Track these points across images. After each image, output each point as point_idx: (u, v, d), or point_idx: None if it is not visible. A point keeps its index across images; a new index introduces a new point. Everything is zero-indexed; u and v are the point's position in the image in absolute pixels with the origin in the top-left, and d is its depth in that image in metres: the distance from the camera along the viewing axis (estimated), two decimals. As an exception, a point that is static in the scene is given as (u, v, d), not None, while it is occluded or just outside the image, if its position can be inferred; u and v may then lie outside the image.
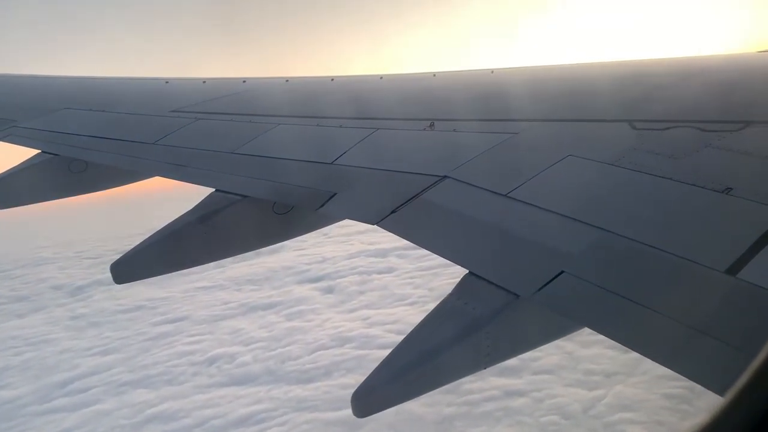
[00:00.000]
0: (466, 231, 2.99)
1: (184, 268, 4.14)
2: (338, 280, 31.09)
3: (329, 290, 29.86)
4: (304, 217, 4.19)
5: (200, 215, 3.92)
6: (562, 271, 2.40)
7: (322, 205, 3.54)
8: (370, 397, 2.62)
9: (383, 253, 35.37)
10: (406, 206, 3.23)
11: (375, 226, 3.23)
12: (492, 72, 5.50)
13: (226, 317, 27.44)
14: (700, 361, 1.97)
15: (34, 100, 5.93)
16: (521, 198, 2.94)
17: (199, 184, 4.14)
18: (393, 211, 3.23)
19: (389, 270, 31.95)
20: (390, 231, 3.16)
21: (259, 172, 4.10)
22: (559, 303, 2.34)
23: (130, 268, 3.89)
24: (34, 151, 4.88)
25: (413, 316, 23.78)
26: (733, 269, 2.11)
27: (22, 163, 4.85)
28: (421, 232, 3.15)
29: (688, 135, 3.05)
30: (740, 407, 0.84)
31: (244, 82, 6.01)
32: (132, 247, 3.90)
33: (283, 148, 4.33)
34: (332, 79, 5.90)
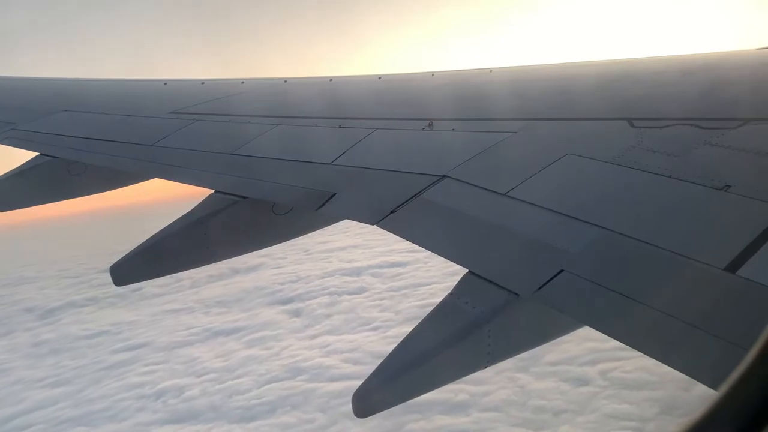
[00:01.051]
0: (465, 230, 2.98)
1: (184, 270, 4.13)
2: (308, 302, 30.76)
3: (296, 313, 29.40)
4: (303, 217, 4.16)
5: (200, 216, 3.91)
6: (562, 270, 2.41)
7: (322, 206, 3.52)
8: (371, 397, 2.58)
9: (358, 272, 35.01)
10: (406, 206, 3.21)
11: (374, 226, 3.21)
12: (490, 71, 5.49)
13: (186, 344, 26.89)
14: (699, 359, 1.96)
15: (32, 103, 5.88)
16: (520, 197, 2.93)
17: (198, 185, 4.12)
18: (392, 211, 3.21)
19: (360, 290, 31.62)
20: (390, 231, 3.14)
21: (258, 173, 4.07)
22: (559, 301, 2.35)
23: (129, 270, 3.88)
24: (32, 154, 4.85)
25: (372, 344, 23.11)
26: (733, 266, 2.10)
27: (21, 165, 4.81)
28: (420, 231, 3.14)
29: (687, 133, 3.05)
30: (734, 401, 0.85)
31: (242, 83, 6.00)
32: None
33: (282, 148, 4.32)
34: (331, 80, 5.90)
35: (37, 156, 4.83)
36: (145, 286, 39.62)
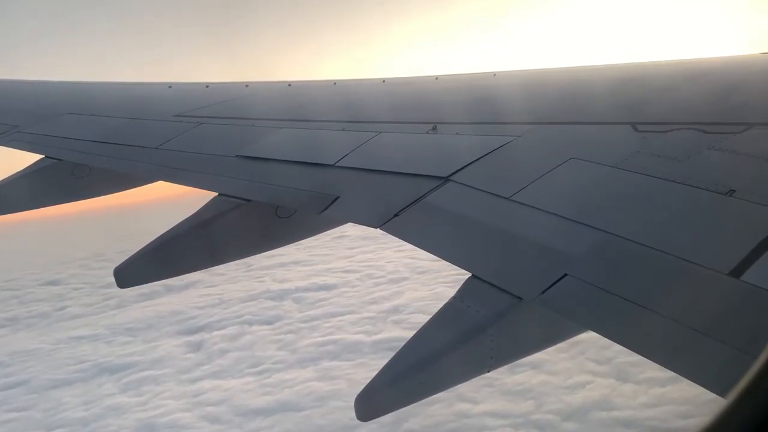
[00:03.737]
0: (469, 234, 2.97)
1: (188, 272, 4.14)
2: (214, 333, 29.28)
3: (196, 347, 27.78)
4: (307, 220, 4.16)
5: (203, 219, 3.91)
6: (566, 274, 2.40)
7: (325, 209, 3.51)
8: (374, 401, 2.59)
9: (282, 295, 33.61)
10: (409, 209, 3.20)
11: (377, 229, 3.20)
12: (494, 75, 5.54)
13: (65, 383, 25.09)
14: (704, 364, 1.95)
15: (37, 106, 5.89)
16: (524, 201, 2.92)
17: (202, 188, 4.12)
18: (396, 215, 3.19)
19: (274, 320, 30.30)
20: (393, 234, 3.12)
21: (261, 176, 4.08)
22: (563, 306, 2.35)
23: (133, 272, 3.89)
24: (37, 156, 4.86)
25: (245, 395, 21.54)
26: (737, 271, 2.08)
27: (26, 168, 4.83)
28: (424, 235, 3.14)
29: (691, 137, 3.03)
30: (742, 408, 0.85)
31: (246, 86, 6.00)
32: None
33: (286, 151, 4.31)
34: (335, 83, 5.92)
35: (41, 158, 4.82)
36: (71, 305, 37.93)
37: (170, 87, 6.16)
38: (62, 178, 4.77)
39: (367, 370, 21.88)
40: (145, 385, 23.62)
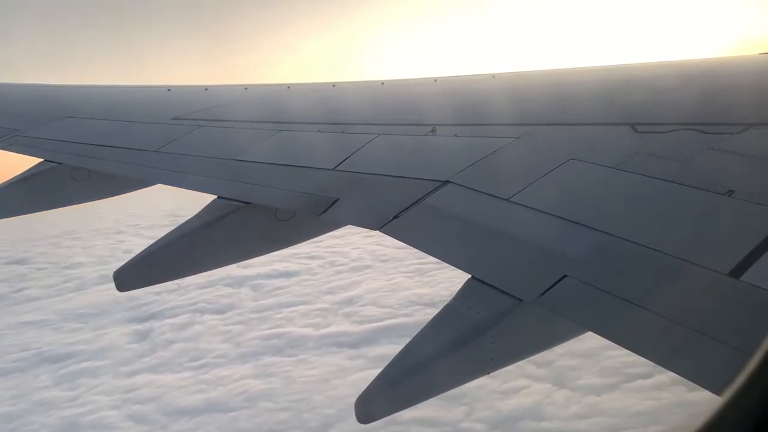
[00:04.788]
0: (468, 236, 2.97)
1: (188, 275, 4.12)
2: (165, 321, 28.63)
3: (143, 336, 27.06)
4: (306, 223, 4.14)
5: (203, 222, 3.89)
6: (565, 275, 2.39)
7: (325, 211, 3.51)
8: (374, 403, 2.58)
9: (241, 282, 32.97)
10: (409, 211, 3.20)
11: (378, 231, 3.21)
12: (493, 77, 5.61)
13: (1, 374, 24.12)
14: (704, 364, 1.94)
15: (37, 109, 5.88)
16: (523, 202, 2.93)
17: (201, 191, 4.11)
18: (395, 217, 3.19)
19: (226, 308, 29.73)
20: (392, 236, 3.13)
21: (261, 179, 4.06)
22: (563, 307, 2.34)
23: (132, 276, 3.85)
24: (37, 160, 4.86)
25: (178, 392, 20.97)
26: (737, 272, 2.08)
27: (25, 171, 4.82)
28: (423, 237, 3.13)
29: (690, 138, 3.04)
30: (738, 407, 0.84)
31: (245, 89, 6.03)
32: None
33: (285, 154, 4.30)
34: (334, 86, 5.96)
35: (41, 162, 4.80)
36: (30, 287, 37.07)
37: (169, 90, 6.20)
38: (62, 181, 4.76)
39: (306, 368, 21.09)
40: (82, 378, 22.89)
